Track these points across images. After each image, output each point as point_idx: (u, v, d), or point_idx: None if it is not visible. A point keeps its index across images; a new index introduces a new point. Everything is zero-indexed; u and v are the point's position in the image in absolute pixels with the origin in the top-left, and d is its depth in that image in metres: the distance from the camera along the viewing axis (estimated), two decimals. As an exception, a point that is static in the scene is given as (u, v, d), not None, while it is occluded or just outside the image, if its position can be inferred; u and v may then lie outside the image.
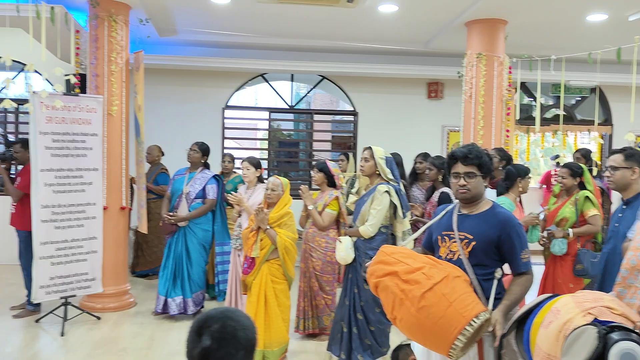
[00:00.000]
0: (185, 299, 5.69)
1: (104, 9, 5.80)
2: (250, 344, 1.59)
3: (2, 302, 6.14)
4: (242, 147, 11.01)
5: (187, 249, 5.73)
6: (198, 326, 1.59)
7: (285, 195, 4.58)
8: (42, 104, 5.18)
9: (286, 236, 4.42)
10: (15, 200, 5.69)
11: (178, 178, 5.93)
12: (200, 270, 5.78)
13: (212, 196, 5.80)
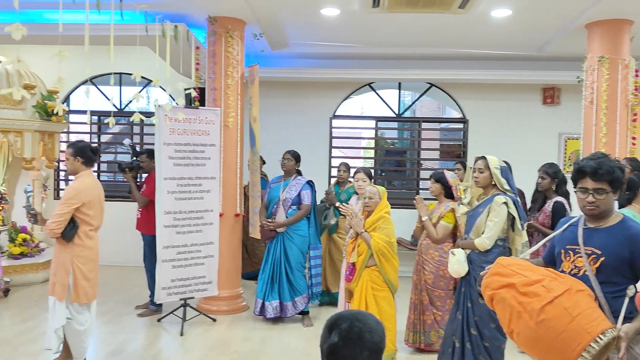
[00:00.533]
0: (284, 302, 5.85)
1: (221, 26, 6.11)
2: (376, 346, 1.68)
3: (129, 302, 6.60)
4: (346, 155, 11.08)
5: (286, 254, 5.89)
6: (330, 323, 1.74)
7: (382, 202, 4.57)
8: (166, 117, 5.55)
9: (380, 239, 4.39)
10: (141, 206, 6.11)
11: (274, 186, 6.12)
12: (300, 274, 5.91)
13: (307, 202, 5.94)
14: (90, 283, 4.35)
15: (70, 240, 4.21)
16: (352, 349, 1.66)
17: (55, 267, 4.28)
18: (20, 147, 7.28)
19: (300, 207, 5.92)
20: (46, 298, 6.66)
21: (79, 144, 4.40)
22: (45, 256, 7.71)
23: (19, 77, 7.41)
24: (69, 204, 4.16)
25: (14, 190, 8.21)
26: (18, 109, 7.21)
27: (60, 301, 4.24)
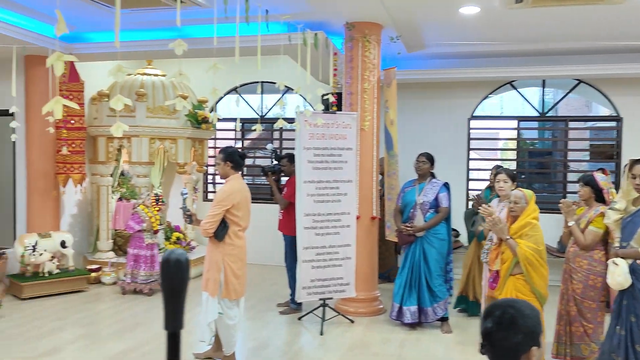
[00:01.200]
0: (424, 308, 5.74)
1: (358, 31, 6.18)
2: (530, 330, 1.78)
3: (269, 299, 6.90)
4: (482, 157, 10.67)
5: (425, 259, 5.77)
6: (487, 310, 1.86)
7: (529, 206, 4.34)
8: (306, 122, 5.73)
9: (527, 246, 4.16)
10: (283, 208, 6.37)
11: (408, 190, 6.00)
12: (440, 280, 5.77)
13: (445, 204, 5.78)
14: (240, 280, 4.61)
15: (221, 240, 4.50)
16: (506, 333, 1.77)
17: (208, 264, 4.59)
18: (175, 153, 7.92)
19: (437, 210, 5.81)
20: (198, 292, 7.19)
21: (229, 150, 4.70)
22: (196, 254, 8.30)
23: (173, 88, 8.07)
24: (221, 206, 4.45)
25: (169, 192, 8.95)
26: (172, 119, 7.84)
27: (212, 297, 4.54)
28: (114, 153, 7.89)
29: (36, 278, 6.83)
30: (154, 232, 7.14)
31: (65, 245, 7.15)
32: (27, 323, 5.91)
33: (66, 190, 7.63)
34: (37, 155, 7.44)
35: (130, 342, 5.36)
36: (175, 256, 0.96)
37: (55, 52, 2.36)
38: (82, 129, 7.54)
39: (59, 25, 2.35)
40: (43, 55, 6.96)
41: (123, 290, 7.10)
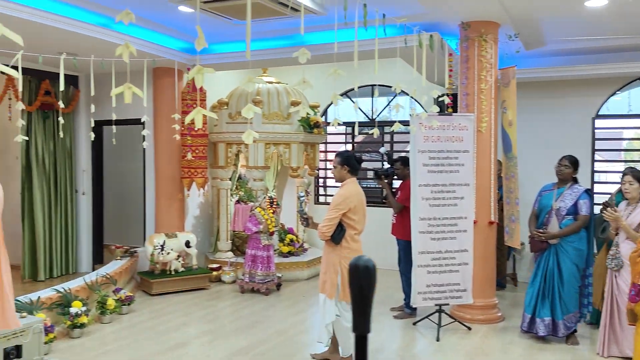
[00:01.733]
0: (556, 320, 5.42)
1: (474, 30, 6.03)
2: None
3: (382, 303, 6.89)
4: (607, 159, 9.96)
5: (559, 268, 5.44)
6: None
7: None
8: (420, 125, 5.67)
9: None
10: (396, 212, 6.34)
11: (546, 194, 5.69)
12: (573, 291, 5.42)
13: (585, 212, 5.38)
14: None
15: (338, 243, 4.56)
16: None
17: (326, 267, 4.67)
18: (288, 158, 8.15)
19: (576, 217, 5.44)
20: (312, 294, 7.36)
21: (346, 154, 4.76)
22: (309, 255, 8.49)
23: (287, 95, 8.32)
24: (338, 209, 4.52)
25: (282, 195, 9.22)
26: (286, 124, 8.08)
27: (330, 299, 4.61)
28: (233, 158, 8.27)
29: (164, 275, 7.31)
30: (269, 234, 7.39)
31: (189, 245, 7.59)
32: (157, 318, 6.34)
33: (190, 194, 8.10)
34: (165, 161, 7.97)
35: (251, 339, 5.57)
36: (364, 262, 0.99)
37: (195, 65, 2.51)
38: (205, 135, 7.98)
39: (199, 40, 2.49)
40: (169, 67, 7.46)
41: (242, 289, 7.41)
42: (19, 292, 6.25)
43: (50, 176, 7.92)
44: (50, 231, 7.90)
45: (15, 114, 7.43)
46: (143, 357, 5.09)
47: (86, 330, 5.68)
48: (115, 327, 5.97)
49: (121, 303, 6.30)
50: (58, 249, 7.99)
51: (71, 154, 8.27)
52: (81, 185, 8.45)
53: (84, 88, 8.26)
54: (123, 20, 2.19)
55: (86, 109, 8.28)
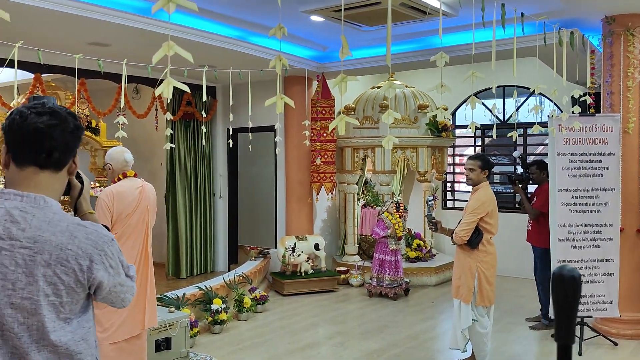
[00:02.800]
0: None
1: (619, 24, 5.62)
2: None
3: (515, 312, 6.62)
4: None
5: None
6: None
7: None
8: (560, 127, 5.39)
9: None
10: (532, 218, 6.06)
11: None
12: None
13: None
14: (492, 288, 4.57)
15: (475, 247, 4.49)
16: None
17: (460, 271, 4.59)
18: (415, 162, 8.09)
19: None
20: (441, 300, 7.25)
21: (486, 157, 4.66)
22: (437, 261, 8.36)
23: (414, 98, 8.27)
24: (475, 214, 4.45)
25: (408, 200, 9.17)
26: (414, 128, 8.04)
27: (465, 303, 4.53)
28: (360, 163, 8.37)
29: (294, 277, 7.56)
30: (397, 239, 7.38)
31: (318, 248, 7.79)
32: (289, 317, 6.57)
33: (319, 198, 8.32)
34: (295, 166, 8.26)
35: (382, 343, 5.60)
36: (568, 272, 0.99)
37: (339, 74, 2.59)
38: (333, 141, 8.15)
39: (343, 49, 2.57)
40: (299, 75, 7.72)
41: (369, 293, 7.47)
42: (164, 288, 6.80)
43: (191, 181, 8.50)
44: (191, 232, 8.49)
45: (160, 124, 8.09)
46: (277, 355, 5.30)
47: (225, 327, 6.02)
48: (251, 325, 6.27)
49: (256, 302, 6.61)
50: (198, 249, 8.56)
51: (210, 160, 8.83)
52: (218, 189, 8.99)
53: (220, 98, 8.79)
54: (276, 35, 2.32)
55: (222, 118, 8.81)
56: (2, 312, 1.43)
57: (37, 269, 1.44)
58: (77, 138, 1.59)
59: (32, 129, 1.50)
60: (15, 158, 1.52)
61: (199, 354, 5.27)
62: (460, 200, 9.95)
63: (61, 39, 5.73)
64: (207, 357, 5.20)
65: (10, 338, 1.43)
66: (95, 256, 1.52)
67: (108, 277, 1.56)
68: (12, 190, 1.50)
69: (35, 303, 1.44)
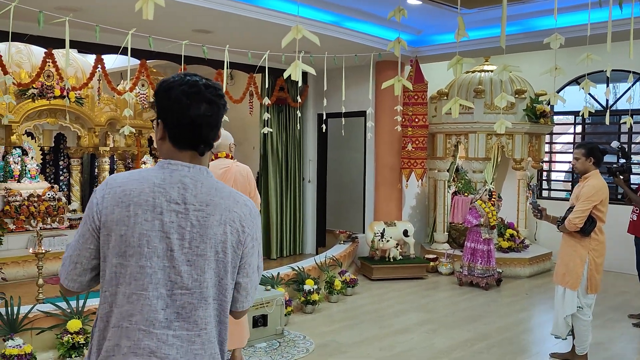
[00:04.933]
0: None
1: None
2: None
3: (617, 309, 6.31)
4: None
5: None
6: None
7: None
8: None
9: None
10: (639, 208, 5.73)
11: None
12: None
13: None
14: (600, 276, 4.50)
15: (588, 235, 4.40)
16: None
17: (569, 258, 4.49)
18: (511, 149, 7.84)
19: None
20: (536, 292, 7.04)
21: (590, 145, 4.52)
22: (530, 252, 8.10)
23: (511, 83, 8.00)
24: (590, 201, 4.35)
25: (501, 188, 8.91)
26: (510, 114, 7.77)
27: (572, 290, 4.42)
28: (451, 149, 8.22)
29: (383, 262, 7.57)
30: (490, 228, 7.21)
31: (407, 234, 7.75)
32: (378, 302, 6.60)
33: (409, 184, 8.25)
34: (385, 151, 8.22)
35: (474, 332, 5.51)
36: None
37: (455, 56, 2.56)
38: (425, 127, 8.04)
39: (459, 31, 2.53)
40: (392, 60, 7.65)
41: (460, 282, 7.35)
42: (257, 268, 7.00)
43: (282, 165, 8.68)
44: (281, 215, 8.69)
45: (255, 109, 8.30)
46: (369, 338, 5.35)
47: (317, 307, 6.14)
48: (341, 307, 6.35)
49: (346, 285, 6.68)
50: (288, 231, 8.75)
51: (300, 145, 8.97)
52: (308, 173, 9.13)
53: (312, 83, 8.88)
54: (395, 17, 2.32)
55: (313, 103, 8.91)
56: (179, 269, 1.55)
57: (210, 228, 1.58)
58: (223, 114, 1.69)
59: (190, 121, 1.59)
60: (174, 141, 1.63)
61: (293, 332, 5.42)
62: (555, 191, 9.56)
63: (167, 27, 5.99)
64: (300, 336, 5.33)
65: (180, 296, 1.56)
66: (248, 222, 1.67)
67: (252, 247, 1.69)
68: (179, 161, 1.62)
69: (207, 260, 1.58)
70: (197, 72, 1.74)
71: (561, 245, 4.62)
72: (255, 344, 5.04)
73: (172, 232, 1.55)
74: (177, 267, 1.55)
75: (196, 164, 1.63)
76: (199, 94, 1.59)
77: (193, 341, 1.57)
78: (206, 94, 1.60)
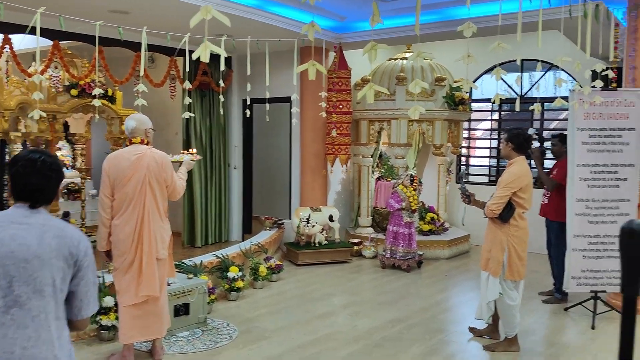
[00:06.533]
0: None
1: (645, -3, 5.53)
2: None
3: (528, 287, 6.60)
4: None
5: None
6: None
7: None
8: (581, 101, 5.34)
9: None
10: (551, 190, 6.01)
11: None
12: None
13: None
14: (522, 262, 4.56)
15: (507, 221, 4.48)
16: None
17: (491, 244, 4.60)
18: (431, 135, 8.07)
19: None
20: (454, 274, 7.31)
21: (514, 131, 4.64)
22: (450, 235, 8.40)
23: (432, 71, 8.21)
24: (509, 188, 4.44)
25: (422, 173, 9.17)
26: (430, 101, 7.98)
27: (494, 276, 4.55)
28: (375, 135, 8.35)
29: (308, 247, 7.63)
30: (411, 212, 7.41)
31: (332, 219, 7.84)
32: (304, 287, 6.65)
33: (333, 170, 8.33)
34: (310, 137, 8.25)
35: (396, 313, 5.67)
36: (638, 225, 1.01)
37: (370, 41, 2.59)
38: (349, 113, 8.13)
39: (373, 17, 2.56)
40: (316, 46, 7.65)
41: (382, 265, 7.53)
42: (180, 256, 6.87)
43: (207, 151, 8.53)
44: (206, 202, 8.55)
45: (177, 93, 8.09)
46: (294, 323, 5.39)
47: (241, 294, 6.11)
48: (266, 293, 6.36)
49: (271, 271, 6.69)
50: (213, 219, 8.63)
51: (225, 131, 8.84)
52: (233, 160, 9.02)
53: (236, 68, 8.75)
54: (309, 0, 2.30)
55: (238, 88, 8.79)
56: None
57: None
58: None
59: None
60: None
61: (217, 319, 5.37)
62: (474, 175, 9.93)
63: (81, 6, 5.71)
64: (224, 323, 5.29)
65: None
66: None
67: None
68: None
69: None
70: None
71: (485, 232, 4.74)
72: (176, 333, 4.96)
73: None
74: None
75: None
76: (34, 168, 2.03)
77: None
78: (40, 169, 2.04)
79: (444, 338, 5.05)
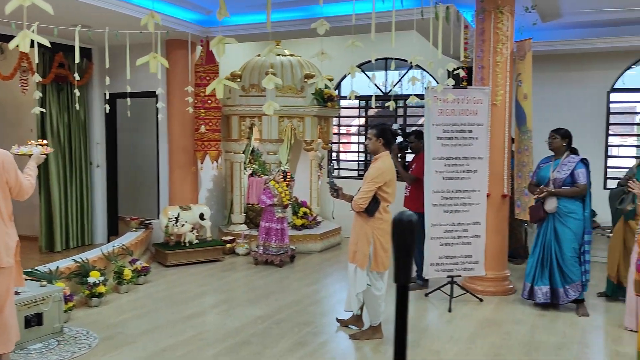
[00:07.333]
0: (555, 288, 5.57)
1: (490, 2, 5.96)
2: None
3: (392, 274, 6.97)
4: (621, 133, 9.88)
5: (557, 239, 5.53)
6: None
7: None
8: (435, 98, 5.66)
9: None
10: (410, 184, 6.34)
11: (544, 166, 5.74)
12: (572, 261, 5.50)
13: (582, 181, 5.48)
14: (387, 254, 4.72)
15: (372, 215, 4.62)
16: None
17: (357, 237, 4.72)
18: (302, 131, 8.16)
19: (574, 186, 5.51)
20: (325, 266, 7.45)
21: (381, 126, 4.79)
22: (322, 228, 8.57)
23: (300, 68, 8.29)
24: (374, 182, 4.58)
25: (295, 169, 9.26)
26: (300, 97, 8.08)
27: (361, 269, 4.68)
28: (246, 131, 8.29)
29: (178, 247, 7.41)
30: (283, 207, 7.45)
31: (203, 218, 7.68)
32: (173, 288, 6.44)
33: (203, 167, 8.16)
34: (178, 134, 8.01)
35: (266, 309, 5.67)
36: (407, 217, 1.04)
37: (217, 36, 2.53)
38: (218, 108, 7.99)
39: (220, 10, 2.50)
40: (182, 39, 7.44)
41: (255, 261, 7.50)
42: (36, 262, 6.40)
43: (65, 148, 7.99)
44: (66, 203, 8.01)
45: (30, 87, 7.48)
46: (160, 325, 5.20)
47: (104, 300, 5.79)
48: (132, 297, 6.08)
49: (137, 274, 6.41)
50: (74, 221, 8.11)
51: (85, 127, 8.32)
52: (95, 157, 8.52)
53: (97, 61, 8.27)
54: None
55: (99, 82, 8.31)
56: None
57: None
58: None
59: None
60: None
61: (75, 328, 5.04)
62: (345, 169, 10.20)
63: None
64: (83, 331, 4.98)
65: None
66: None
67: None
68: None
69: None
70: None
71: (352, 225, 4.85)
72: (28, 345, 4.58)
73: None
74: None
75: None
76: None
77: None
78: None
79: (312, 330, 5.12)
